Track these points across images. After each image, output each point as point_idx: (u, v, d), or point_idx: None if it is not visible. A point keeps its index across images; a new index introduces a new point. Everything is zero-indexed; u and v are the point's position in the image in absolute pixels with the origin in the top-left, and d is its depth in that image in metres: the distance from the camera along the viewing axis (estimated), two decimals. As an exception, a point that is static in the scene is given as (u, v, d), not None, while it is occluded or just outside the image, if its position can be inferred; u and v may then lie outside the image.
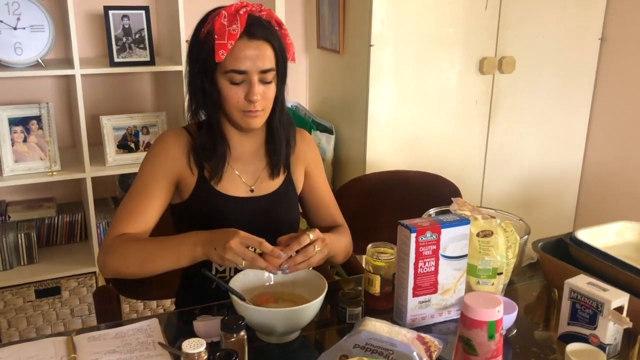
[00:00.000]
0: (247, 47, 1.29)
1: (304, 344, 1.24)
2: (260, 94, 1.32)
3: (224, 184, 1.41)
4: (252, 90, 1.31)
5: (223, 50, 1.27)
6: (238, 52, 1.29)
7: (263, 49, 1.31)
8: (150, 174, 1.38)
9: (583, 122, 2.85)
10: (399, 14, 2.33)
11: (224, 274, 1.41)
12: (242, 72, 1.30)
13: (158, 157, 1.39)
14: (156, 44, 2.51)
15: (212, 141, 1.39)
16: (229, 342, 1.07)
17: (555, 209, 2.93)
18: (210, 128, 1.39)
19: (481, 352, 0.90)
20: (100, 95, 2.53)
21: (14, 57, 2.20)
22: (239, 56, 1.29)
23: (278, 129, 1.44)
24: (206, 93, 1.35)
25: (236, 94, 1.32)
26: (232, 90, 1.32)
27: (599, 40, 2.73)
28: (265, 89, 1.33)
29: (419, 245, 1.21)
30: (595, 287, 1.17)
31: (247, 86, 1.31)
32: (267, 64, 1.31)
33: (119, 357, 1.15)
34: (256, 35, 1.30)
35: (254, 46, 1.29)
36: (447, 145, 2.59)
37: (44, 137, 2.29)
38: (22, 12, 2.18)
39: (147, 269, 1.29)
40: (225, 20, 1.28)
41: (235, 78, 1.31)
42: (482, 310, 0.89)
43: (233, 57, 1.29)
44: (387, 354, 1.08)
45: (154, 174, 1.38)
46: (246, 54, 1.29)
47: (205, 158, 1.39)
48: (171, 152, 1.39)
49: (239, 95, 1.32)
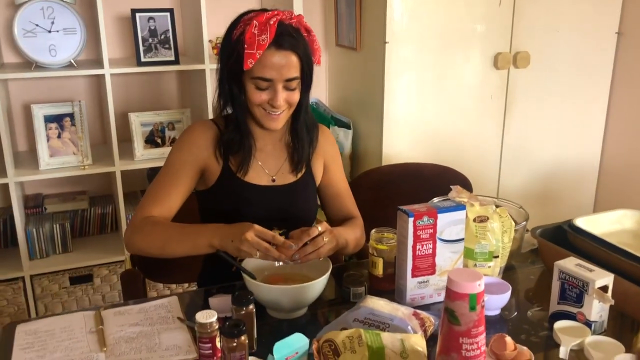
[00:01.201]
0: (275, 57, 1.38)
1: (310, 320, 1.33)
2: (283, 99, 1.42)
3: (247, 173, 1.51)
4: (276, 96, 1.40)
5: (251, 59, 1.36)
6: (265, 61, 1.37)
7: (289, 58, 1.39)
8: (178, 161, 1.49)
9: (600, 115, 2.87)
10: (413, 11, 2.39)
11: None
12: (268, 80, 1.39)
13: (186, 145, 1.50)
14: (180, 44, 2.63)
15: (239, 137, 1.49)
16: (239, 314, 1.17)
17: (574, 202, 2.95)
18: (237, 124, 1.49)
19: (463, 322, 0.99)
20: (128, 93, 2.67)
21: (49, 59, 2.34)
22: (266, 65, 1.38)
23: (302, 131, 1.53)
24: (233, 93, 1.46)
25: (260, 97, 1.42)
26: (257, 94, 1.42)
27: (615, 34, 2.75)
28: (289, 94, 1.43)
29: (416, 229, 1.30)
30: (583, 268, 1.24)
31: (272, 92, 1.41)
32: (292, 73, 1.40)
33: (142, 329, 1.27)
34: (284, 45, 1.38)
35: (280, 56, 1.38)
36: (463, 140, 2.64)
37: (77, 133, 2.43)
38: (56, 16, 2.32)
39: (167, 252, 1.41)
40: (255, 30, 1.36)
41: (261, 84, 1.40)
42: (464, 284, 0.97)
43: (260, 65, 1.38)
44: (383, 327, 1.17)
45: (181, 161, 1.48)
46: (273, 64, 1.38)
47: (232, 152, 1.50)
48: (199, 142, 1.49)
49: (262, 98, 1.42)
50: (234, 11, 1.45)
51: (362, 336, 1.07)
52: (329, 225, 1.37)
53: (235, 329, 1.07)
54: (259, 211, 1.50)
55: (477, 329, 1.00)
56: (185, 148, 1.49)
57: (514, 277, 1.52)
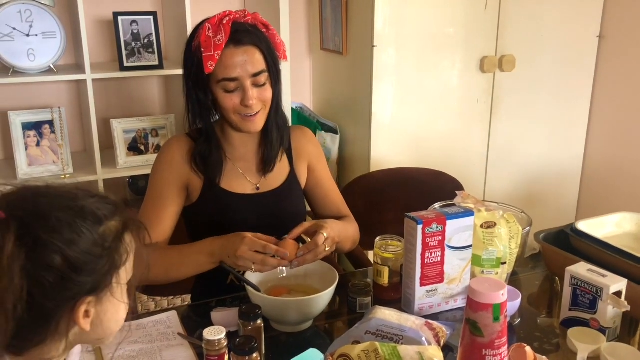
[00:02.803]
0: (235, 54, 1.33)
1: (316, 333, 1.29)
2: (255, 97, 1.37)
3: (230, 183, 1.47)
4: (247, 95, 1.35)
5: (211, 61, 1.31)
6: (227, 61, 1.33)
7: (251, 53, 1.35)
8: (161, 182, 1.45)
9: (583, 118, 2.90)
10: (400, 15, 2.38)
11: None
12: (234, 79, 1.35)
13: (166, 164, 1.46)
14: (164, 48, 2.56)
15: (208, 149, 1.44)
16: (247, 329, 1.12)
17: (558, 204, 2.97)
18: (207, 136, 1.45)
19: (487, 333, 0.96)
20: (110, 99, 2.59)
21: (27, 64, 2.25)
22: (228, 64, 1.33)
23: (272, 130, 1.48)
24: (201, 103, 1.41)
25: (232, 100, 1.37)
26: (228, 98, 1.37)
27: (597, 37, 2.78)
28: (260, 91, 1.38)
29: (425, 237, 1.27)
30: (595, 273, 1.22)
31: (242, 92, 1.36)
32: (257, 67, 1.36)
33: (141, 347, 1.21)
34: (242, 41, 1.34)
35: (241, 52, 1.34)
36: (450, 143, 2.63)
37: (57, 141, 2.34)
38: (35, 19, 2.23)
39: (173, 277, 1.39)
40: (210, 32, 1.32)
41: (228, 86, 1.35)
42: (488, 294, 0.94)
43: (222, 66, 1.33)
44: (397, 339, 1.13)
45: (164, 181, 1.45)
46: (235, 61, 1.33)
47: (206, 165, 1.45)
48: (176, 158, 1.45)
49: (234, 102, 1.37)
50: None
51: (379, 350, 1.04)
52: (333, 233, 1.34)
53: (247, 346, 1.03)
54: (247, 220, 1.46)
55: (501, 340, 0.97)
56: (166, 167, 1.46)
57: (518, 284, 1.51)
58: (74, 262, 0.77)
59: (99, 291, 0.82)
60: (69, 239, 0.77)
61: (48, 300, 0.77)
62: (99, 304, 0.82)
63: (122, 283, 0.85)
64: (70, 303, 0.79)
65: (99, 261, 0.80)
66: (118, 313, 0.86)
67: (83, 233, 0.79)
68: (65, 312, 0.79)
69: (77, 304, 0.79)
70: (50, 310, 0.78)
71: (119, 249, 0.83)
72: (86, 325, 0.81)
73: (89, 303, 0.81)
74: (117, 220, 0.84)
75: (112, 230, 0.83)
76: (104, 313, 0.84)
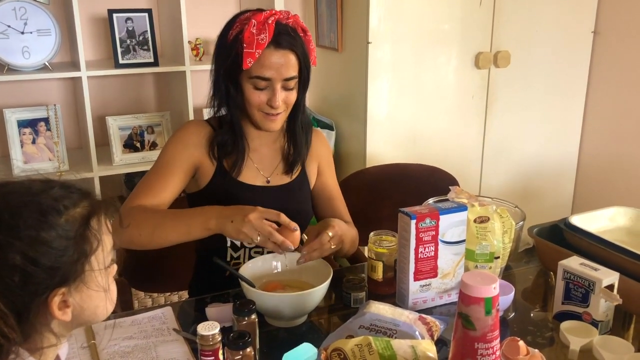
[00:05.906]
0: (273, 56, 1.36)
1: (311, 328, 1.30)
2: (282, 99, 1.39)
3: (242, 173, 1.48)
4: (275, 96, 1.38)
5: (251, 58, 1.34)
6: (264, 60, 1.35)
7: (288, 58, 1.37)
8: (172, 156, 1.45)
9: (578, 114, 2.91)
10: (395, 11, 2.38)
11: (238, 261, 1.47)
12: (267, 79, 1.37)
13: (180, 142, 1.46)
14: (159, 45, 2.56)
15: (233, 138, 1.46)
16: (241, 324, 1.13)
17: (553, 199, 2.98)
18: (231, 126, 1.46)
19: (479, 327, 0.96)
20: (106, 96, 2.59)
21: (22, 61, 2.25)
22: (265, 64, 1.35)
23: (299, 133, 1.51)
24: (230, 94, 1.42)
25: (258, 97, 1.39)
26: (255, 94, 1.39)
27: (592, 33, 2.79)
28: (287, 94, 1.41)
29: (419, 232, 1.27)
30: (587, 267, 1.23)
31: (270, 92, 1.38)
32: (290, 72, 1.38)
33: (136, 342, 1.21)
34: (282, 44, 1.36)
35: (279, 55, 1.36)
36: (445, 139, 2.64)
37: (52, 138, 2.34)
38: (29, 16, 2.23)
39: (158, 238, 1.34)
40: (254, 29, 1.34)
41: (259, 84, 1.38)
42: (479, 287, 0.95)
43: (259, 65, 1.35)
44: (390, 333, 1.14)
45: (175, 156, 1.45)
46: (272, 63, 1.36)
47: (226, 153, 1.47)
48: (193, 139, 1.46)
49: (261, 99, 1.39)
50: (214, 12, 1.42)
51: (372, 344, 1.04)
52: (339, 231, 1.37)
53: (240, 341, 1.03)
54: None
55: (493, 334, 0.98)
56: (180, 144, 1.46)
57: (512, 278, 1.51)
58: (35, 258, 0.76)
59: (71, 281, 0.80)
60: (28, 236, 0.76)
61: (17, 298, 0.76)
62: (76, 292, 0.82)
63: (97, 269, 0.84)
64: (42, 297, 0.78)
65: (65, 252, 0.79)
66: (99, 298, 0.85)
67: (42, 228, 0.77)
68: (39, 307, 0.78)
69: (49, 297, 0.79)
70: (22, 307, 0.77)
71: (87, 236, 0.82)
72: (65, 316, 0.81)
73: (63, 294, 0.80)
74: (82, 207, 0.82)
75: (76, 219, 0.81)
76: (83, 301, 0.83)
